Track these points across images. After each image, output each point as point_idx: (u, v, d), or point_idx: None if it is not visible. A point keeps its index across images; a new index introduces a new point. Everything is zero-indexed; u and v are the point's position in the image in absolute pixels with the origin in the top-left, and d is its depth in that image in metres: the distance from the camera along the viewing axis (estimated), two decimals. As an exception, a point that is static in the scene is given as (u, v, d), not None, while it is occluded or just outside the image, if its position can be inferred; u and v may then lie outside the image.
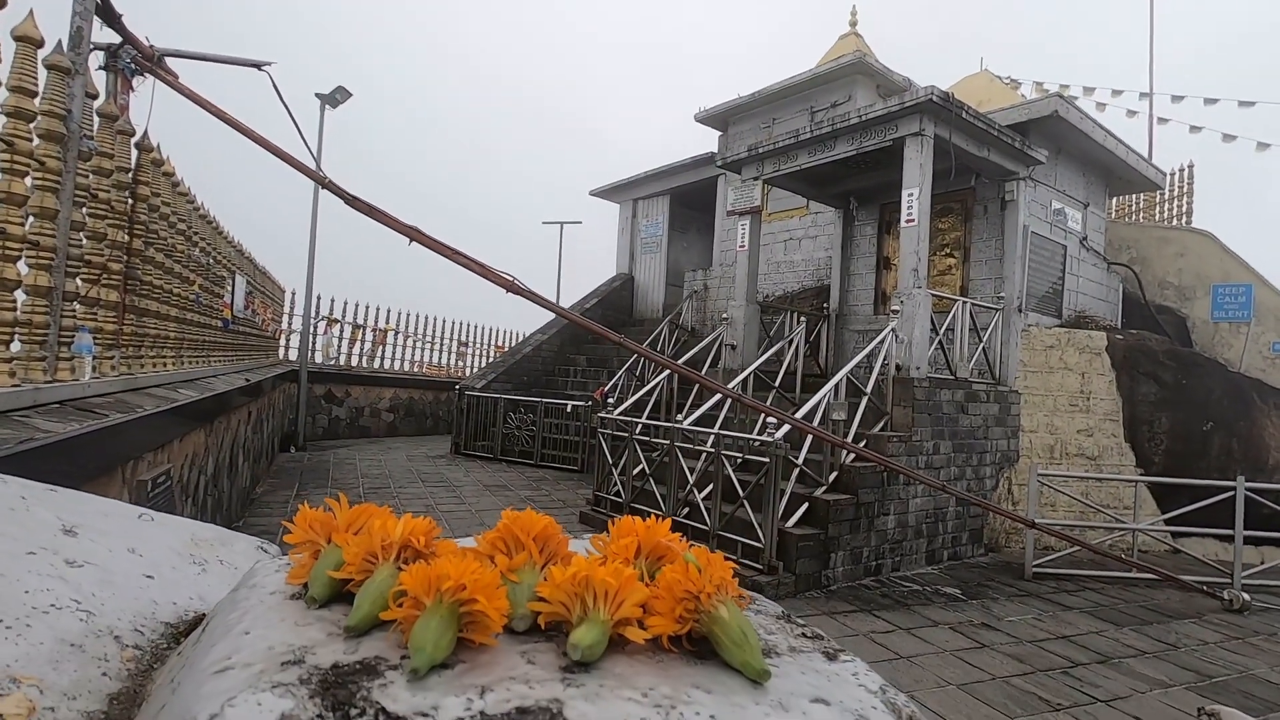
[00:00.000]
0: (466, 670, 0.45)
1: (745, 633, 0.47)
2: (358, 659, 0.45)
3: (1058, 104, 7.83)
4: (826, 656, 0.52)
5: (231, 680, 0.41)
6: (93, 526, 0.73)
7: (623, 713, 0.39)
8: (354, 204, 3.77)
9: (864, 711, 0.43)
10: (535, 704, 0.40)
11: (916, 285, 6.59)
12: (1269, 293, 9.24)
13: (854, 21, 11.71)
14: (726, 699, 0.42)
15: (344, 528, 0.59)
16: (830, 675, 0.48)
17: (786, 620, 0.60)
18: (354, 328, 13.37)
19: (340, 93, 10.42)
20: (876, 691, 0.46)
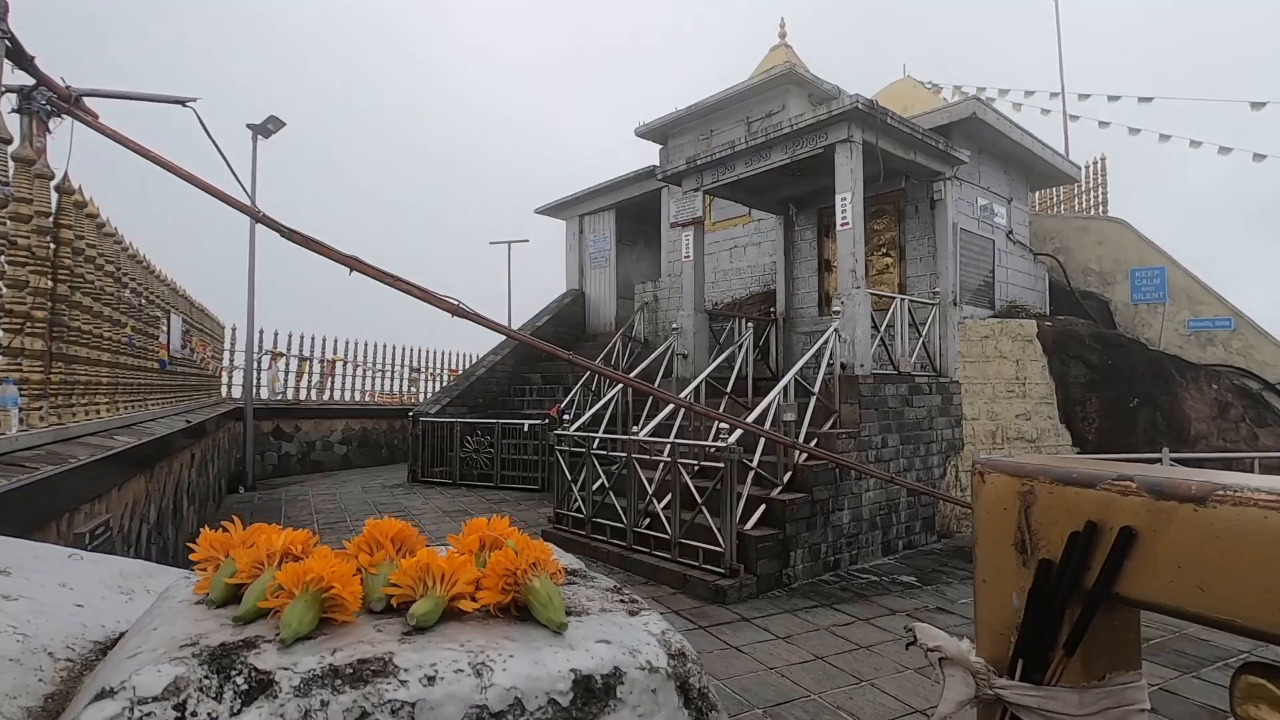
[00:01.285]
0: (326, 639, 0.58)
1: (550, 597, 0.60)
2: (241, 638, 0.58)
3: (975, 106, 8.24)
4: (629, 614, 0.65)
5: (140, 660, 0.53)
6: (26, 567, 0.85)
7: (441, 658, 0.52)
8: (291, 236, 3.73)
9: (638, 647, 0.56)
10: (372, 656, 0.53)
11: (855, 285, 6.83)
12: (1180, 274, 9.86)
13: (783, 34, 12.08)
14: (528, 644, 0.55)
15: (239, 544, 0.73)
16: (623, 625, 0.61)
17: (614, 591, 0.74)
18: (300, 360, 13.04)
19: (273, 122, 10.23)
20: (657, 635, 0.60)
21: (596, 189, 13.51)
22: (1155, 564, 0.38)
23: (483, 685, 0.49)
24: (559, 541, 6.66)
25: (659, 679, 0.54)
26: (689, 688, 0.56)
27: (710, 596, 4.99)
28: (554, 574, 0.65)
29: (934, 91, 12.52)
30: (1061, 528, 0.43)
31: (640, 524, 5.94)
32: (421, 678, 0.50)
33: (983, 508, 0.48)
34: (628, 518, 6.04)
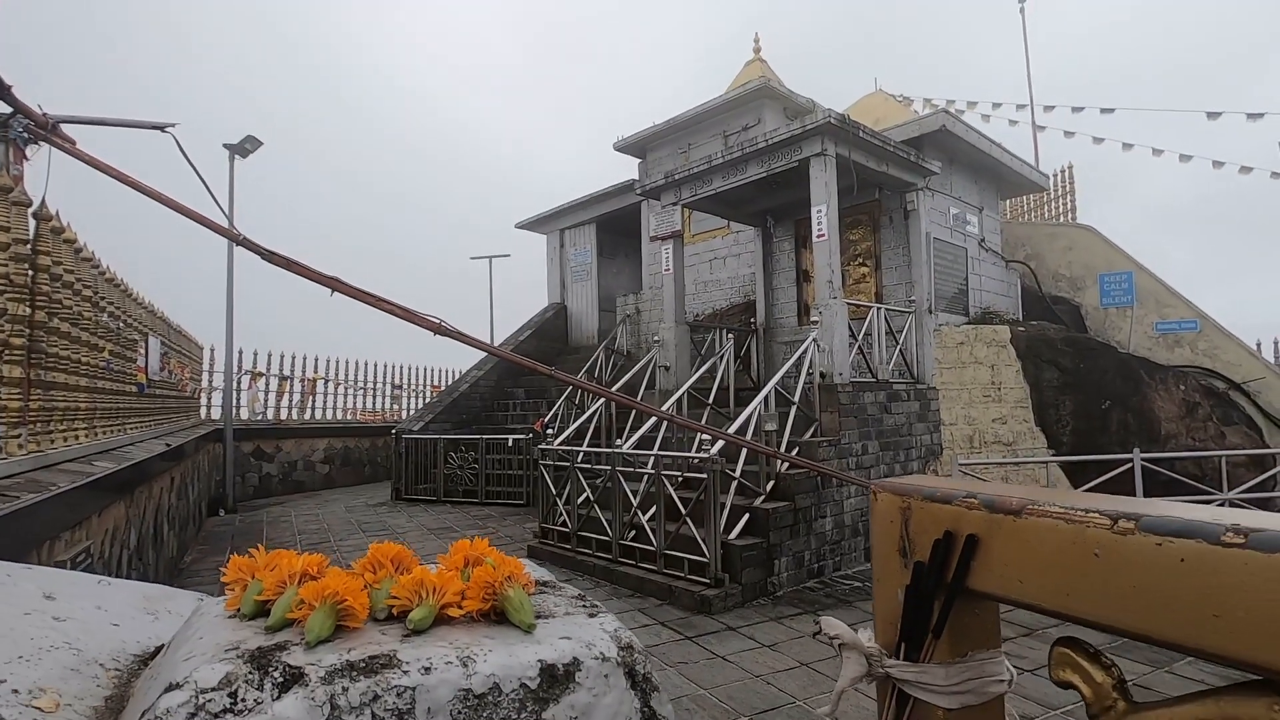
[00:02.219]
0: (342, 642, 0.70)
1: (523, 603, 0.73)
2: (274, 643, 0.70)
3: (945, 119, 8.45)
4: (589, 615, 0.78)
5: (194, 661, 0.65)
6: (65, 592, 0.99)
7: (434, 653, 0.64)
8: (272, 259, 3.75)
9: (594, 641, 0.68)
10: (380, 653, 0.65)
11: (832, 296, 6.95)
12: (1147, 277, 10.13)
13: (758, 48, 12.31)
14: (504, 641, 0.68)
15: (263, 567, 0.88)
16: (583, 624, 0.73)
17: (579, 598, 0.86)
18: (280, 379, 12.92)
19: (250, 141, 10.20)
20: (610, 632, 0.72)
21: (577, 203, 13.61)
22: (991, 563, 0.47)
23: (468, 673, 0.61)
24: (545, 556, 6.68)
25: (610, 666, 0.67)
26: (635, 673, 0.69)
27: (696, 607, 5.03)
28: (526, 585, 0.78)
29: (905, 104, 12.80)
30: (929, 536, 0.52)
31: (625, 536, 5.97)
32: (420, 668, 0.62)
33: (875, 521, 0.56)
34: (613, 530, 6.07)
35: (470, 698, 0.59)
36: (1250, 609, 0.33)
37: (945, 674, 0.51)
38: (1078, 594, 0.40)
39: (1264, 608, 0.32)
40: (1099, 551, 0.39)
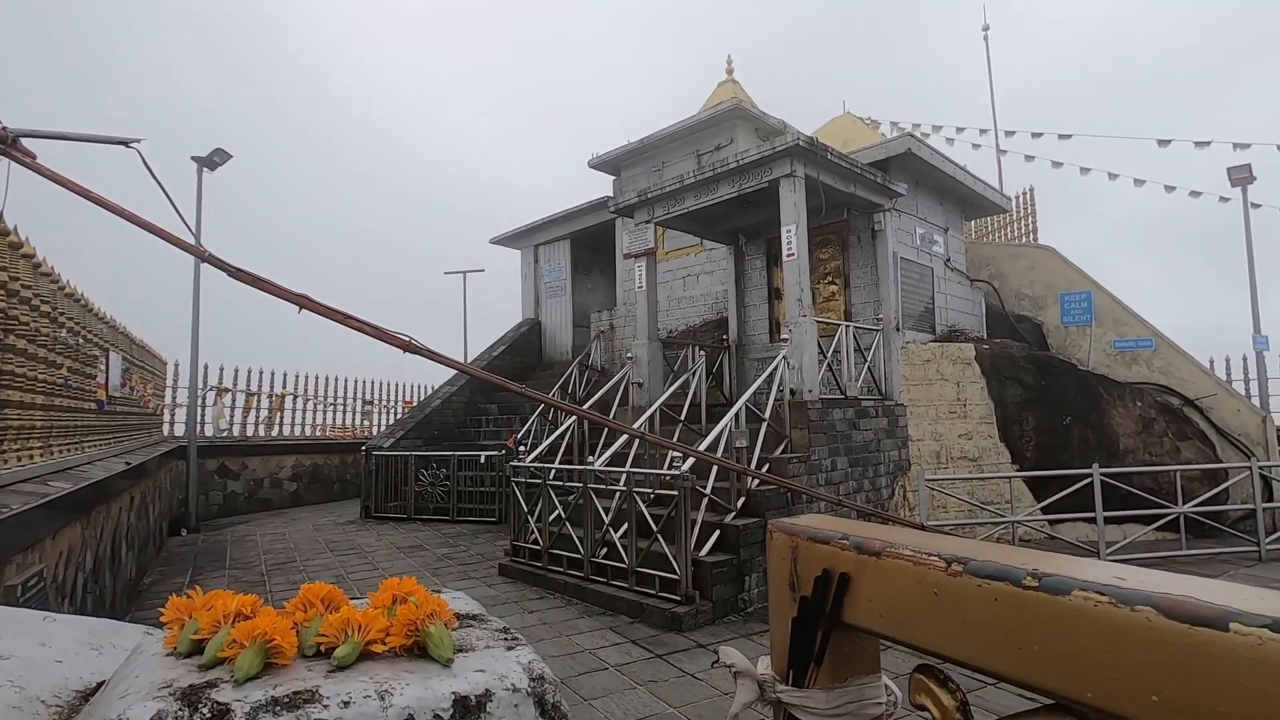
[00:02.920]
0: (269, 678, 0.74)
1: (442, 639, 0.77)
2: (205, 680, 0.74)
3: (910, 142, 8.70)
4: (507, 649, 0.82)
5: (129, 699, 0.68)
6: (9, 630, 1.01)
7: (354, 688, 0.67)
8: (239, 276, 3.72)
9: (506, 673, 0.73)
10: (304, 688, 0.69)
11: (802, 314, 7.07)
12: (1105, 297, 10.46)
13: (730, 69, 12.53)
14: (423, 675, 0.71)
15: (200, 607, 0.90)
16: (499, 657, 0.77)
17: (502, 632, 0.90)
18: (247, 395, 12.69)
19: (219, 154, 10.09)
20: (524, 664, 0.76)
21: (551, 219, 13.66)
22: (860, 598, 0.52)
23: (385, 706, 0.65)
24: (516, 574, 6.64)
25: (520, 696, 0.71)
26: (545, 702, 0.73)
27: (667, 624, 5.04)
28: (448, 621, 0.83)
29: (873, 127, 13.13)
30: (813, 573, 0.57)
31: (597, 554, 5.97)
32: (339, 702, 0.66)
33: (771, 558, 0.61)
34: (584, 548, 6.06)
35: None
36: (1042, 643, 0.38)
37: (826, 698, 0.56)
38: (923, 628, 0.45)
39: (1050, 642, 0.37)
40: (937, 590, 0.44)
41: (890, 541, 0.51)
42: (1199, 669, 0.31)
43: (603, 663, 4.43)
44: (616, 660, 4.48)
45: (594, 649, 4.70)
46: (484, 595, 6.07)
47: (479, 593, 6.17)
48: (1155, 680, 0.33)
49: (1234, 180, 11.31)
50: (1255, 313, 11.15)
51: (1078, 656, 0.37)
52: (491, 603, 5.87)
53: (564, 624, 5.28)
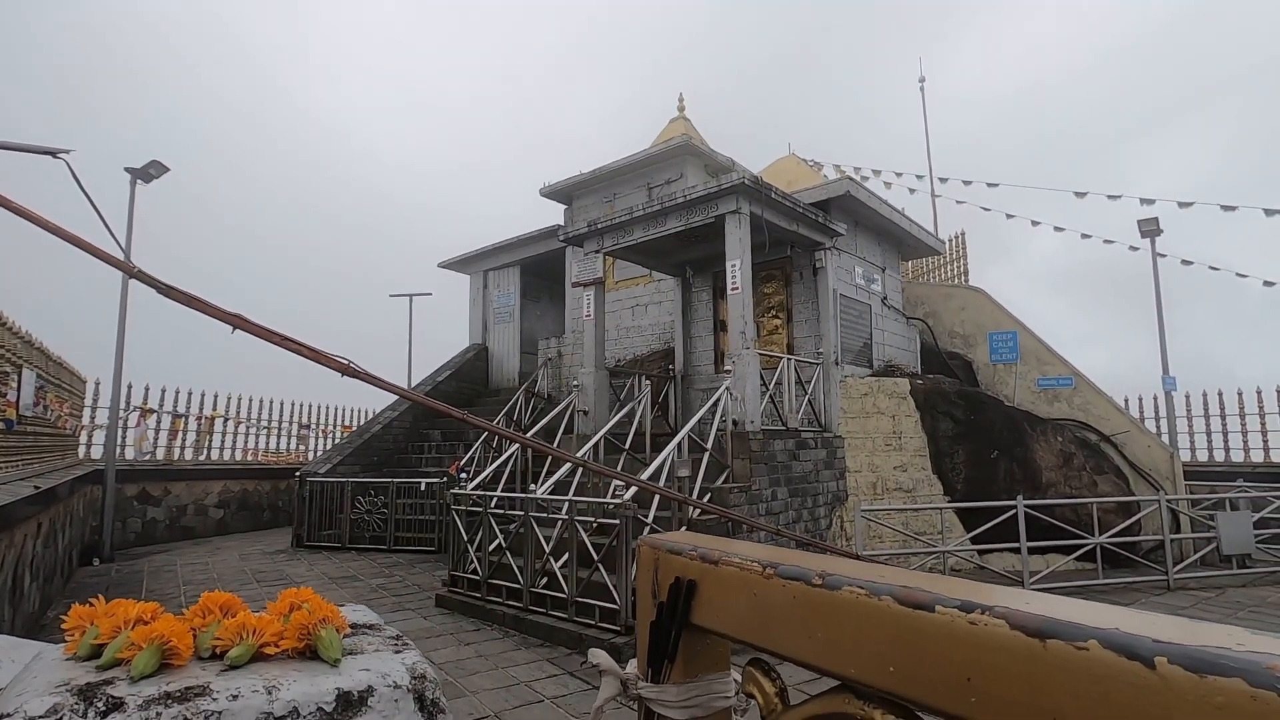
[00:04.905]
0: (164, 676, 0.78)
1: (332, 641, 0.81)
2: (102, 678, 0.77)
3: (849, 185, 9.11)
4: (394, 652, 0.86)
5: (26, 695, 0.71)
6: None
7: (244, 684, 0.70)
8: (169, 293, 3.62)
9: (389, 672, 0.77)
10: (195, 684, 0.73)
11: (745, 346, 7.25)
12: (1029, 337, 11.07)
13: (681, 107, 12.92)
14: (310, 674, 0.75)
15: (102, 615, 0.93)
16: (385, 659, 0.81)
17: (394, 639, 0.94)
18: (174, 417, 12.11)
19: (155, 167, 9.77)
20: (409, 665, 0.80)
21: (501, 245, 13.67)
22: (704, 602, 0.59)
23: (271, 699, 0.69)
24: (454, 605, 6.49)
25: (401, 693, 0.76)
26: (424, 698, 0.78)
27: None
28: (340, 627, 0.88)
29: (815, 169, 13.70)
30: (669, 582, 0.62)
31: (537, 583, 5.90)
32: (228, 696, 0.69)
33: (638, 570, 0.67)
34: (524, 577, 5.98)
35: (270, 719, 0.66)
36: (824, 630, 0.44)
37: (678, 691, 0.62)
38: (747, 625, 0.52)
39: (830, 629, 0.44)
40: (755, 592, 0.50)
41: (727, 552, 0.57)
42: (917, 642, 0.38)
43: (539, 695, 4.36)
44: (553, 693, 4.42)
45: (530, 681, 4.63)
46: (419, 628, 5.90)
47: (413, 625, 5.99)
48: (892, 653, 0.40)
49: (1143, 232, 12.20)
50: (1164, 355, 11.96)
51: (846, 640, 0.43)
52: (426, 635, 5.72)
53: (500, 656, 5.18)
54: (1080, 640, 0.31)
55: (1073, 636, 0.31)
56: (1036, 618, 0.33)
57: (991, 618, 0.35)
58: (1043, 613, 0.33)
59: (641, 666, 0.64)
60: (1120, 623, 0.32)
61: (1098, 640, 0.30)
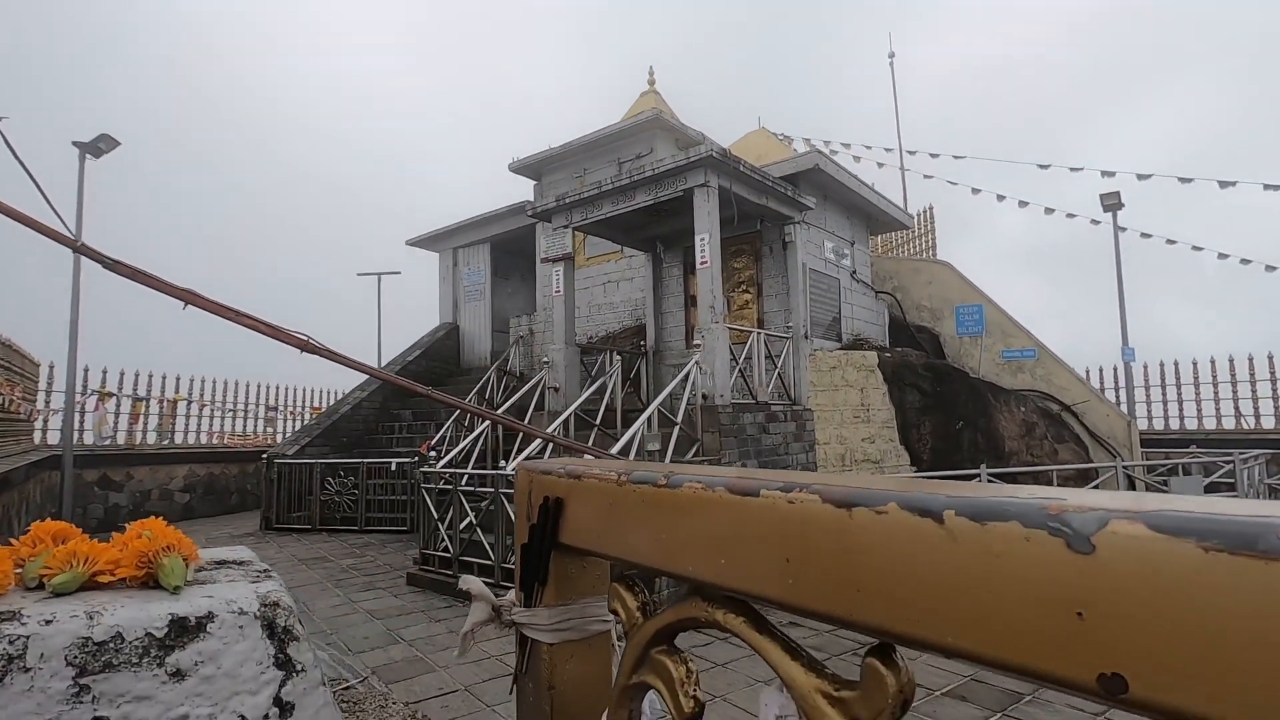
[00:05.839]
0: None
1: (173, 569, 0.76)
2: None
3: (818, 158, 9.10)
4: (250, 583, 0.81)
5: None
6: None
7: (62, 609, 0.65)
8: (115, 268, 3.50)
9: (236, 599, 0.72)
10: (5, 610, 0.67)
11: (714, 320, 7.25)
12: (995, 310, 11.25)
13: (652, 81, 12.76)
14: (144, 600, 0.70)
15: None
16: (236, 587, 0.77)
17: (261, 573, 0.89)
18: (134, 401, 11.81)
19: (105, 141, 9.40)
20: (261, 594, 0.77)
21: (471, 222, 13.45)
22: (571, 519, 0.58)
23: (91, 625, 0.64)
24: (425, 583, 6.47)
25: (247, 619, 0.72)
26: (274, 625, 0.74)
27: (574, 627, 5.03)
28: (189, 557, 0.83)
29: (785, 143, 13.66)
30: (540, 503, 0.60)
31: (508, 559, 5.89)
32: (40, 621, 0.64)
33: (516, 497, 0.66)
34: (495, 554, 5.97)
35: (90, 645, 0.62)
36: (670, 531, 0.43)
37: (550, 614, 0.61)
38: (607, 537, 0.51)
39: (674, 530, 0.43)
40: (612, 501, 0.49)
41: (591, 467, 0.56)
42: (745, 530, 0.38)
43: (508, 669, 4.38)
44: (521, 664, 4.44)
45: (500, 655, 4.64)
46: (389, 606, 5.89)
47: (384, 603, 5.98)
48: (725, 546, 0.39)
49: (1105, 206, 12.42)
50: (1124, 327, 12.26)
51: (689, 538, 0.42)
52: (398, 613, 5.71)
53: (471, 631, 5.19)
54: (881, 504, 0.30)
55: (874, 502, 0.31)
56: (844, 489, 0.33)
57: (807, 494, 0.34)
58: (853, 484, 0.33)
59: (517, 593, 0.63)
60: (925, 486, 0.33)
61: (896, 502, 0.30)
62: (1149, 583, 0.21)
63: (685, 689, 0.49)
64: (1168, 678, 0.21)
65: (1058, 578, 0.23)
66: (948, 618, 0.27)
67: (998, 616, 0.25)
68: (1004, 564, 0.25)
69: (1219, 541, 0.20)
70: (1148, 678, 0.21)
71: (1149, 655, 0.21)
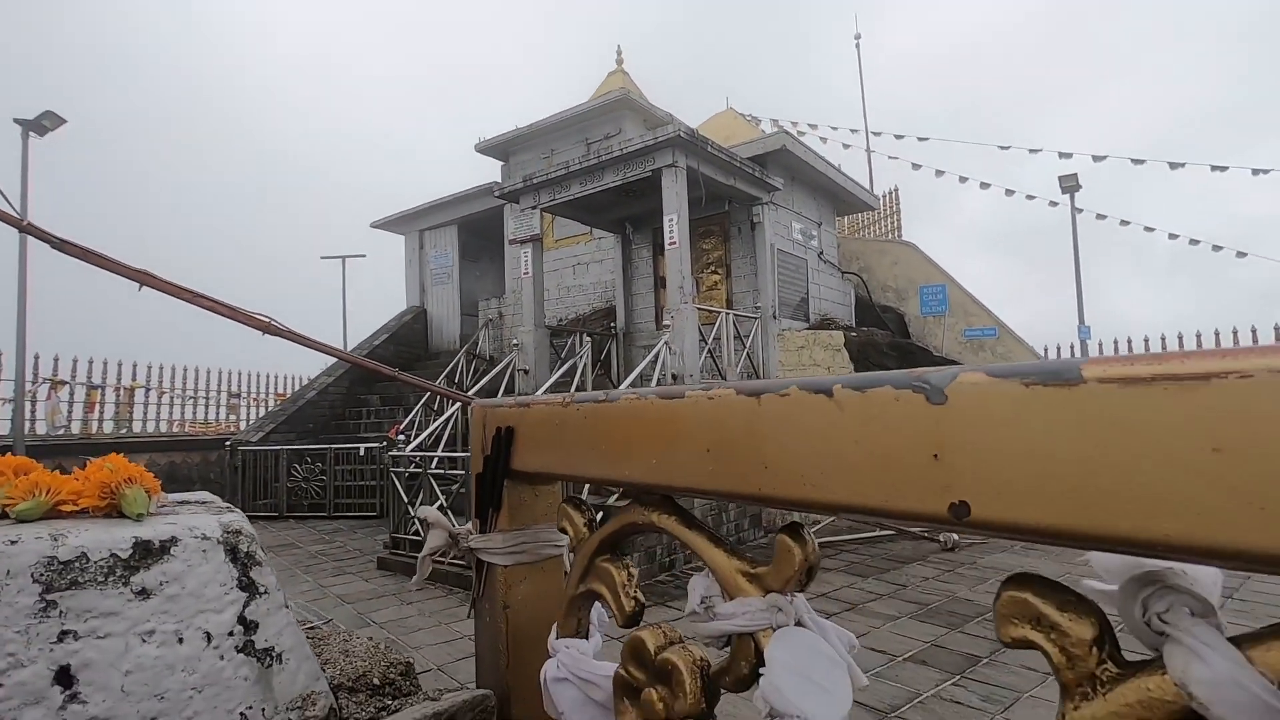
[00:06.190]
0: None
1: (136, 498, 0.78)
2: None
3: (785, 139, 9.15)
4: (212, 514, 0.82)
5: None
6: None
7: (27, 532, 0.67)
8: (64, 248, 3.39)
9: (198, 525, 0.74)
10: None
11: (683, 301, 7.29)
12: (958, 290, 11.51)
13: (620, 60, 12.64)
14: (107, 526, 0.72)
15: None
16: (197, 517, 0.78)
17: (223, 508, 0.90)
18: (89, 389, 11.45)
19: (49, 118, 9.01)
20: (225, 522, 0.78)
21: (438, 203, 13.24)
22: (522, 446, 0.63)
23: (56, 546, 0.66)
24: (396, 567, 6.45)
25: (210, 544, 0.74)
26: (237, 550, 0.76)
27: (547, 605, 5.07)
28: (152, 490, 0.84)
29: (753, 124, 13.69)
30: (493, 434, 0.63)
31: (479, 540, 5.91)
32: (5, 542, 0.65)
33: (472, 430, 0.69)
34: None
35: (55, 563, 0.63)
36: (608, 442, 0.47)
37: (503, 540, 0.64)
38: (554, 457, 0.54)
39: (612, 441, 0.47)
40: (558, 423, 0.53)
41: (539, 396, 0.59)
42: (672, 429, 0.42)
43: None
44: (493, 642, 4.47)
45: (473, 635, 4.67)
46: (360, 589, 5.87)
47: (355, 587, 5.95)
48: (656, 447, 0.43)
49: (1064, 187, 12.73)
50: (1080, 306, 12.64)
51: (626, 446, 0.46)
52: (369, 596, 5.69)
53: (444, 612, 5.21)
54: (784, 390, 0.34)
55: (779, 389, 0.35)
56: (755, 383, 0.37)
57: (724, 390, 0.38)
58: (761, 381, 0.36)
59: (474, 521, 0.66)
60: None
61: (796, 386, 0.34)
62: (987, 418, 0.26)
63: (627, 591, 0.53)
64: (1001, 498, 0.25)
65: (919, 428, 0.28)
66: (836, 478, 0.31)
67: (873, 469, 0.30)
68: (879, 422, 0.29)
69: (1036, 377, 0.24)
70: (986, 500, 0.26)
71: (987, 481, 0.26)
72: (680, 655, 0.43)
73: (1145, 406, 0.21)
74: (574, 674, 0.52)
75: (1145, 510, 0.21)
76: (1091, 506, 0.22)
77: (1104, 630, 0.25)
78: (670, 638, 0.45)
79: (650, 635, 0.46)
